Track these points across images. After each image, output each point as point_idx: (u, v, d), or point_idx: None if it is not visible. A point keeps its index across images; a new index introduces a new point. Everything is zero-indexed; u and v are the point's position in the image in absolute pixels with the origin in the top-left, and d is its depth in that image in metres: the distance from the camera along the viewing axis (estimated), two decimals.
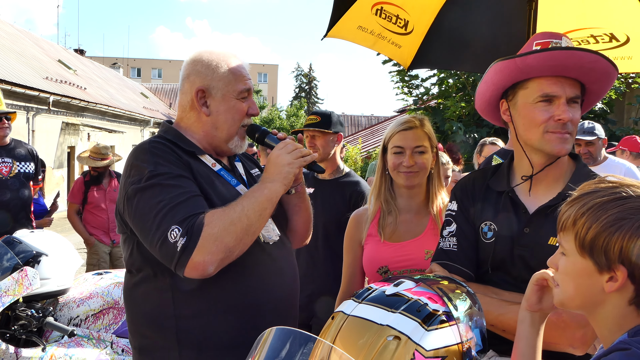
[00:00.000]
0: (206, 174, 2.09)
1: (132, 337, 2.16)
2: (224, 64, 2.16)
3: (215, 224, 1.88)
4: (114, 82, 33.81)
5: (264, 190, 2.02)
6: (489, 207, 2.07)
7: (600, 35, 3.24)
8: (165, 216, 1.88)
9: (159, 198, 1.91)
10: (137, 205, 1.95)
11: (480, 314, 1.59)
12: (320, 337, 1.42)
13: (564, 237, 1.39)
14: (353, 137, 22.44)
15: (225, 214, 1.91)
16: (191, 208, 1.90)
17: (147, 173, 1.96)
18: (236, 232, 1.90)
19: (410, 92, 12.73)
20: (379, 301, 1.48)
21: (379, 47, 3.29)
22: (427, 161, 2.64)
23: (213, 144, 2.19)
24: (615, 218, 1.28)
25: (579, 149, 5.51)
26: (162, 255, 1.90)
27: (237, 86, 2.16)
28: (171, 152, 2.04)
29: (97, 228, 7.11)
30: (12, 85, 16.16)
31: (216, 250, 1.87)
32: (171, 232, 1.86)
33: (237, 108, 2.17)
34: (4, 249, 3.29)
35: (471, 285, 1.79)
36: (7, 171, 5.93)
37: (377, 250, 2.67)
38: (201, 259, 1.85)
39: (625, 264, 1.27)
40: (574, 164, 2.07)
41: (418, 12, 3.23)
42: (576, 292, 1.37)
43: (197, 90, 2.15)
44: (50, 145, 19.68)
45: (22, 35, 25.95)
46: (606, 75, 1.94)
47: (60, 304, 3.43)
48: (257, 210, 1.97)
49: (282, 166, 2.07)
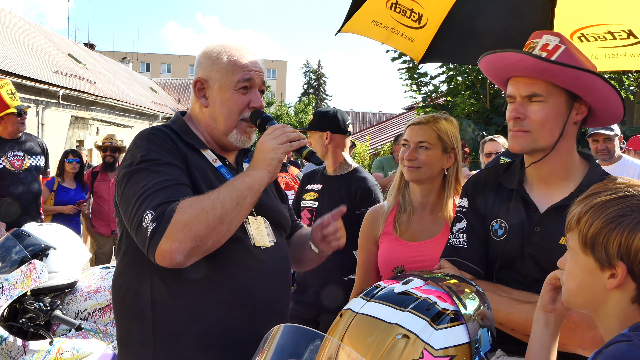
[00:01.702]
0: (203, 168, 2.06)
1: (116, 327, 2.14)
2: (225, 55, 2.13)
3: (185, 211, 1.81)
4: (123, 77, 33.89)
5: (245, 178, 1.94)
6: (500, 204, 2.05)
7: (617, 32, 3.18)
8: (145, 200, 1.85)
9: (143, 182, 1.89)
10: (124, 188, 1.94)
11: (490, 313, 1.58)
12: (328, 334, 1.41)
13: (570, 236, 1.42)
14: (361, 134, 22.42)
15: (199, 201, 1.85)
16: (170, 195, 1.86)
17: (139, 158, 1.95)
18: (207, 220, 1.82)
19: (419, 89, 12.69)
20: (387, 299, 1.46)
21: (392, 41, 3.27)
22: (430, 158, 2.61)
23: (214, 137, 2.17)
24: (616, 215, 1.32)
25: (596, 145, 5.46)
26: (137, 240, 1.88)
27: (234, 77, 2.10)
28: (169, 140, 2.02)
29: (99, 218, 7.24)
30: (22, 79, 16.21)
31: (184, 238, 1.79)
32: (145, 216, 1.82)
33: (234, 100, 2.11)
34: (13, 242, 3.30)
35: (480, 283, 1.78)
36: (19, 164, 5.97)
37: (392, 250, 2.65)
38: (168, 247, 1.79)
39: (624, 260, 1.30)
40: (587, 164, 2.05)
41: (432, 5, 3.20)
42: (579, 289, 1.39)
43: (195, 81, 2.16)
44: (59, 138, 19.75)
45: (33, 29, 26.04)
46: (565, 74, 1.90)
47: (68, 297, 3.43)
48: (234, 199, 1.87)
49: (265, 152, 1.98)
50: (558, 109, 1.93)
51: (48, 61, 21.55)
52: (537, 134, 1.95)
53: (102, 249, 7.26)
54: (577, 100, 1.95)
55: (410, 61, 11.98)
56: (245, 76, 2.11)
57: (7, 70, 15.69)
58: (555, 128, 1.93)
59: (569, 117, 1.93)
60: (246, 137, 2.16)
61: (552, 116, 1.93)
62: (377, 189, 3.65)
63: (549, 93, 1.93)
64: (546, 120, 1.93)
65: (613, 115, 1.99)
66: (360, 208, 3.46)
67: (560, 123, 1.94)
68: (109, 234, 7.23)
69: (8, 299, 2.99)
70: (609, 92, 1.91)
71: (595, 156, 5.37)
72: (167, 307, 1.96)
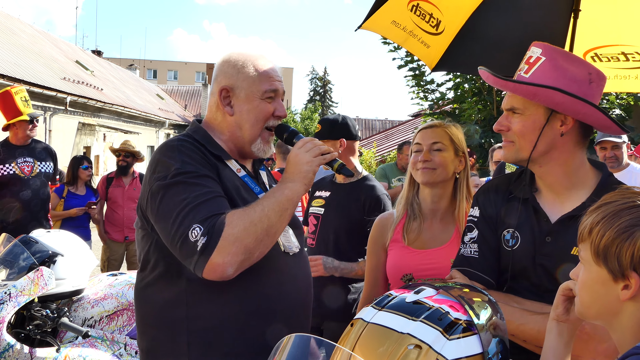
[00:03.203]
0: (232, 178, 2.08)
1: (141, 338, 2.14)
2: (250, 64, 2.15)
3: (235, 224, 1.84)
4: (130, 84, 34.04)
5: (285, 190, 1.98)
6: (511, 214, 2.04)
7: (631, 54, 3.20)
8: (188, 215, 1.85)
9: (182, 196, 1.89)
10: (160, 201, 1.92)
11: (502, 323, 1.56)
12: (339, 344, 1.40)
13: (582, 247, 1.40)
14: (367, 141, 22.39)
15: (246, 214, 1.88)
16: (214, 208, 1.88)
17: (173, 170, 1.94)
18: (256, 232, 1.86)
19: (425, 96, 12.67)
20: (399, 309, 1.44)
21: (409, 44, 3.25)
22: (445, 159, 2.62)
23: (238, 145, 2.18)
24: (628, 225, 1.30)
25: (604, 153, 5.43)
26: (182, 255, 1.87)
27: (261, 86, 2.14)
28: (198, 151, 2.03)
29: (112, 224, 7.24)
30: (30, 85, 16.29)
31: (236, 251, 1.82)
32: (192, 231, 1.82)
33: (261, 108, 2.14)
34: (21, 249, 3.30)
35: (492, 293, 1.76)
36: (29, 170, 6.00)
37: (401, 257, 2.64)
38: (220, 260, 1.81)
39: (637, 270, 1.28)
40: (599, 173, 2.03)
41: (451, 13, 3.18)
42: (592, 301, 1.38)
43: (221, 89, 2.16)
44: (66, 145, 19.82)
45: (41, 36, 26.21)
46: (525, 90, 1.94)
47: (75, 304, 3.43)
48: (277, 211, 1.93)
49: (301, 165, 2.03)
50: (535, 122, 1.95)
51: (56, 68, 21.67)
52: (518, 145, 1.99)
53: (115, 255, 7.28)
54: (558, 112, 1.94)
55: (417, 68, 11.97)
56: (272, 87, 2.15)
57: (15, 77, 15.78)
58: (535, 139, 1.95)
59: (544, 128, 1.93)
60: (268, 147, 2.20)
61: (529, 128, 1.96)
62: (386, 197, 3.62)
63: (525, 106, 1.96)
64: (524, 132, 1.97)
65: (602, 125, 1.96)
66: (370, 217, 3.41)
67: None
68: (122, 240, 7.23)
69: (15, 305, 2.99)
70: (577, 104, 1.88)
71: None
72: (202, 318, 1.98)
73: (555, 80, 1.90)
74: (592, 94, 1.92)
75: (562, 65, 1.93)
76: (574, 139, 1.96)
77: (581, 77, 1.92)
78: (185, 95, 49.83)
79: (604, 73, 2.01)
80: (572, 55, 2.02)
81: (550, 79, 1.91)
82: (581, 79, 1.92)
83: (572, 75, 1.91)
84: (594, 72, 1.94)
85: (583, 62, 1.98)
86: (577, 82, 1.90)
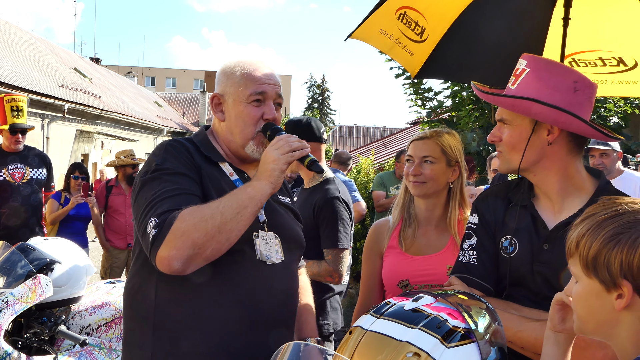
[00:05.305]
0: (218, 180, 2.09)
1: (123, 330, 2.19)
2: (238, 70, 2.18)
3: (185, 219, 1.84)
4: (128, 91, 34.07)
5: (247, 189, 1.96)
6: (509, 221, 2.04)
7: (608, 59, 3.28)
8: (152, 208, 1.90)
9: (153, 190, 1.95)
10: (137, 195, 2.01)
11: (501, 330, 1.56)
12: (338, 352, 1.40)
13: (571, 262, 1.42)
14: (365, 149, 22.40)
15: (199, 209, 1.88)
16: (176, 203, 1.89)
17: (154, 166, 2.02)
18: (206, 228, 1.84)
19: (423, 104, 12.70)
20: (398, 316, 1.45)
21: (394, 52, 3.28)
22: (435, 172, 2.62)
23: (232, 149, 2.21)
24: (613, 233, 1.31)
25: (593, 160, 5.45)
26: (143, 246, 1.93)
27: (247, 90, 2.14)
28: (186, 152, 2.08)
29: (114, 232, 7.22)
30: (28, 93, 16.31)
31: (182, 246, 1.81)
32: (149, 223, 1.87)
33: (247, 112, 2.14)
34: (18, 256, 3.29)
35: (490, 301, 1.77)
36: (19, 177, 5.99)
37: (397, 263, 2.65)
38: (166, 253, 1.82)
39: (628, 278, 1.28)
40: (596, 181, 2.04)
41: (435, 21, 3.21)
42: (589, 314, 1.38)
43: (212, 96, 2.23)
44: (64, 152, 19.82)
45: (40, 44, 26.25)
46: (505, 102, 2.00)
47: (73, 312, 3.42)
48: (234, 208, 1.89)
49: (267, 163, 2.00)
50: (522, 132, 1.98)
51: (54, 75, 21.69)
52: (508, 155, 2.03)
53: (117, 262, 7.25)
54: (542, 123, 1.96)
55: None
56: (258, 89, 2.15)
57: (13, 84, 15.80)
58: (523, 149, 1.98)
59: (530, 138, 1.95)
60: (263, 149, 2.15)
61: (517, 138, 1.99)
62: (338, 201, 3.38)
63: (512, 117, 1.99)
64: (512, 142, 2.00)
65: (586, 133, 1.97)
66: (317, 220, 3.32)
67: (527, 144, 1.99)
68: (124, 247, 7.20)
69: (13, 313, 2.98)
70: (554, 113, 1.89)
71: None
72: (169, 312, 2.00)
73: (538, 90, 1.93)
74: (578, 102, 1.93)
75: (544, 75, 1.96)
76: (564, 147, 1.98)
77: (565, 86, 1.93)
78: (183, 102, 49.89)
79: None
80: (557, 64, 2.04)
81: (533, 89, 1.94)
82: (565, 87, 1.93)
83: (554, 84, 1.93)
84: (580, 80, 1.96)
85: (568, 71, 2.00)
86: (561, 91, 1.92)
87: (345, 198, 3.43)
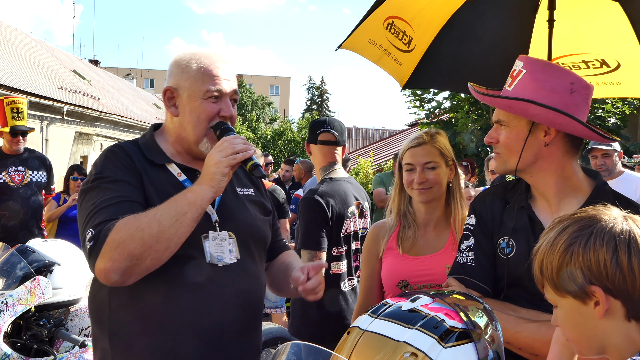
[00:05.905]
0: (162, 183, 2.02)
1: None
2: (194, 63, 2.09)
3: (120, 230, 1.79)
4: (127, 93, 34.05)
5: (187, 194, 1.89)
6: (507, 222, 2.05)
7: (591, 61, 3.33)
8: (90, 218, 1.87)
9: (92, 200, 1.91)
10: (80, 206, 1.98)
11: (498, 331, 1.57)
12: (335, 352, 1.40)
13: (545, 291, 1.45)
14: (364, 150, 22.41)
15: (136, 219, 1.81)
16: (113, 213, 1.85)
17: (93, 175, 1.99)
18: (143, 238, 1.78)
19: (422, 106, 12.72)
20: (395, 317, 1.45)
21: (383, 62, 3.27)
22: (440, 176, 2.64)
23: (185, 146, 2.13)
24: (565, 246, 1.35)
25: (594, 161, 5.46)
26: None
27: (204, 86, 2.06)
28: (126, 157, 2.02)
29: None
30: (27, 95, 16.27)
31: (118, 257, 1.78)
32: (87, 234, 1.84)
33: (203, 108, 2.06)
34: (18, 258, 3.30)
35: (488, 301, 1.77)
36: (19, 179, 5.99)
37: (396, 264, 2.66)
38: (103, 266, 1.79)
39: (595, 282, 1.31)
40: (593, 182, 2.05)
41: (422, 30, 3.22)
42: (579, 334, 1.39)
43: (165, 90, 2.14)
44: (63, 154, 19.80)
45: (38, 46, 26.23)
46: (502, 103, 2.01)
47: (72, 313, 3.43)
48: (172, 215, 1.82)
49: (209, 166, 1.92)
50: (519, 134, 1.99)
51: (53, 77, 21.68)
52: (505, 157, 2.04)
53: None
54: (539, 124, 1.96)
55: None
56: (215, 86, 2.07)
57: (12, 86, 15.78)
58: (520, 150, 1.99)
59: (527, 139, 1.96)
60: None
61: (514, 140, 2.00)
62: (308, 202, 3.36)
63: (509, 118, 2.01)
64: (509, 143, 2.01)
65: (583, 134, 1.98)
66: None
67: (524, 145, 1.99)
68: None
69: (12, 315, 2.99)
70: (550, 115, 1.90)
71: None
72: (122, 319, 1.98)
73: (535, 91, 1.94)
74: (575, 104, 1.94)
75: (541, 77, 1.97)
76: (561, 148, 1.99)
77: (562, 88, 1.94)
78: None
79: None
80: (554, 66, 2.06)
81: (530, 90, 1.95)
82: (562, 89, 1.94)
83: (551, 86, 1.94)
84: (577, 82, 1.97)
85: (565, 73, 2.01)
86: (558, 93, 1.93)
87: (331, 198, 3.36)
